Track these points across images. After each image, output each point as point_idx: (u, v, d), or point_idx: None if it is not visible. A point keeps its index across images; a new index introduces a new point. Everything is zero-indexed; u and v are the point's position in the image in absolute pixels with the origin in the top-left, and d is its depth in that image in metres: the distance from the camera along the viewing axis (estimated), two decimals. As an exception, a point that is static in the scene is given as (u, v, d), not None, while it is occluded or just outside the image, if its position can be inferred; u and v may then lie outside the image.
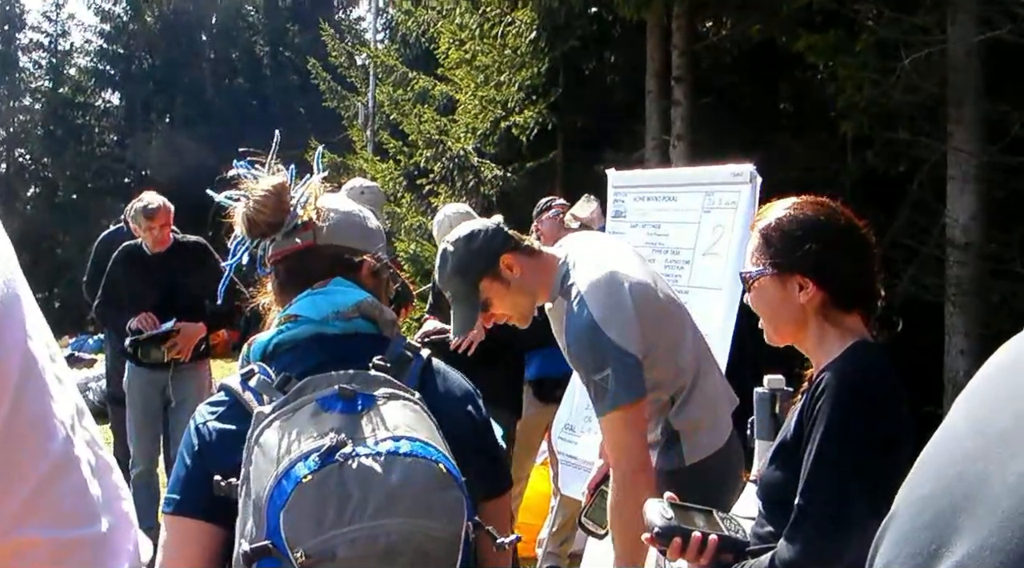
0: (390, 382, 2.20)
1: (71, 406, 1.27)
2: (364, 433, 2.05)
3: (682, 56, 11.62)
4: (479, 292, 3.93)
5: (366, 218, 2.54)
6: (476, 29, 14.13)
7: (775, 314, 2.83)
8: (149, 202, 7.37)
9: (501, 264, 3.90)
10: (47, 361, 1.22)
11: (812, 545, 2.49)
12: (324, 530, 1.93)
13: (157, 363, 7.39)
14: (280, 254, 2.44)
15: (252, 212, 2.38)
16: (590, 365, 3.67)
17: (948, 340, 9.39)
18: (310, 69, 22.97)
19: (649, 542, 2.75)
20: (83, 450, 1.26)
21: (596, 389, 3.65)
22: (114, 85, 40.07)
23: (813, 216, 2.76)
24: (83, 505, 1.25)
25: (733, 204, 6.07)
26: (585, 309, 3.69)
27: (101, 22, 39.50)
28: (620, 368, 3.61)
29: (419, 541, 1.98)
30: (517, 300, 3.96)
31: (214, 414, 2.27)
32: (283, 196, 2.39)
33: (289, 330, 2.34)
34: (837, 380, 2.58)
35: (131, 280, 7.56)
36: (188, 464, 2.24)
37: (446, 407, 2.29)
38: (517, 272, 3.91)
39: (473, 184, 13.51)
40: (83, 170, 38.03)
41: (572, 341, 3.74)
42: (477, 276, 3.91)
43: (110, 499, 1.31)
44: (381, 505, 1.96)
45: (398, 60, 18.08)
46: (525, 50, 13.26)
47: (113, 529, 1.29)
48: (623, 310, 3.71)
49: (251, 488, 2.04)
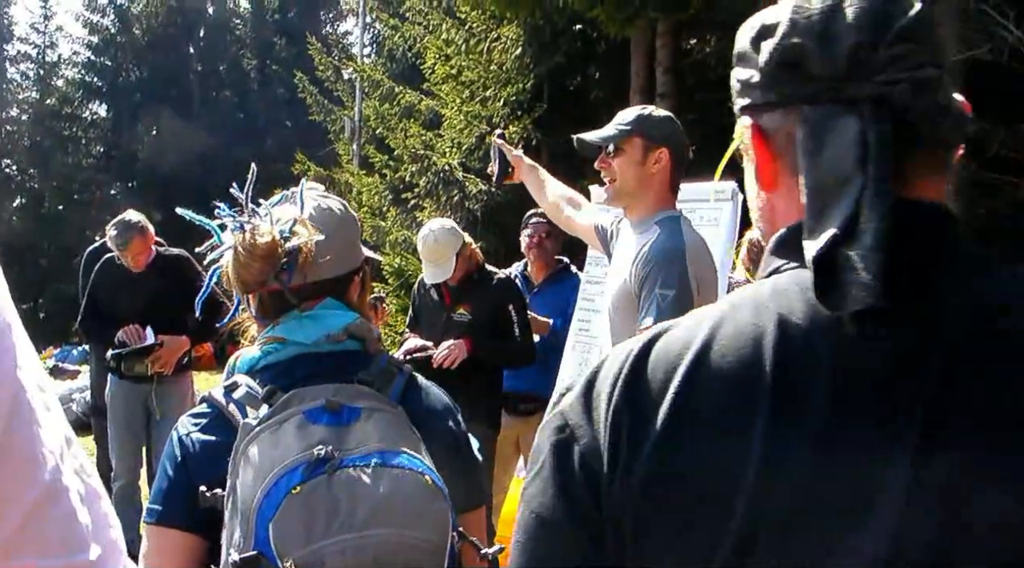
0: (374, 396, 2.21)
1: (60, 434, 1.25)
2: (351, 445, 2.06)
3: (666, 73, 11.64)
4: (626, 139, 4.09)
5: (351, 232, 2.49)
6: (462, 45, 14.17)
7: None
8: (123, 231, 7.26)
9: (660, 150, 4.07)
10: (36, 390, 1.21)
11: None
12: (313, 540, 1.94)
13: (140, 376, 7.37)
14: (267, 291, 2.38)
15: (240, 270, 2.30)
16: (660, 278, 3.82)
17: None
18: (297, 83, 22.99)
19: None
20: (72, 479, 1.25)
21: (652, 301, 3.79)
22: (101, 97, 40.04)
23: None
24: (72, 534, 1.23)
25: (715, 221, 6.07)
26: (682, 238, 3.92)
27: (89, 34, 39.52)
28: (679, 297, 3.77)
29: (407, 552, 2.01)
30: (631, 179, 4.11)
31: (197, 425, 2.27)
32: (273, 258, 2.28)
33: (277, 352, 2.32)
34: None
35: (113, 294, 7.54)
36: (170, 475, 2.24)
37: (428, 421, 2.29)
38: (656, 169, 4.09)
39: (458, 199, 13.53)
40: (69, 181, 37.96)
41: (655, 253, 3.89)
42: (642, 132, 4.08)
43: (99, 527, 1.29)
44: (369, 516, 1.98)
45: (384, 75, 18.08)
46: (510, 66, 13.30)
47: (102, 557, 1.27)
48: (706, 262, 4.00)
49: (238, 499, 2.04)
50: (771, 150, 1.33)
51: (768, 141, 1.33)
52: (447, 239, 6.38)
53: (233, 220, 2.33)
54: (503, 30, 13.43)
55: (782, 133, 1.31)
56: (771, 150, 1.33)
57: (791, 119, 1.28)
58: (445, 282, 6.49)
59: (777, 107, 1.31)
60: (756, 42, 1.33)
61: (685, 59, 12.40)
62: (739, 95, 1.38)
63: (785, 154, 1.31)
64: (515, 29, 13.14)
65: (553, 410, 1.34)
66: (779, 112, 1.30)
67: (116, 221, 7.34)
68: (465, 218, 12.81)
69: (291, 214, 2.35)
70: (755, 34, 1.34)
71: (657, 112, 4.21)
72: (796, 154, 1.26)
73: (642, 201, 4.11)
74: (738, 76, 1.38)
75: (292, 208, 2.38)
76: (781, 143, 1.31)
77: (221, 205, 2.36)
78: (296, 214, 2.35)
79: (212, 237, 2.39)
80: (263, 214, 2.34)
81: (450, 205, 13.50)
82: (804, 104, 1.26)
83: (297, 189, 2.41)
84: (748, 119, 1.36)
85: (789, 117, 1.29)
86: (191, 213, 2.49)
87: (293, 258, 2.29)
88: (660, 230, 3.97)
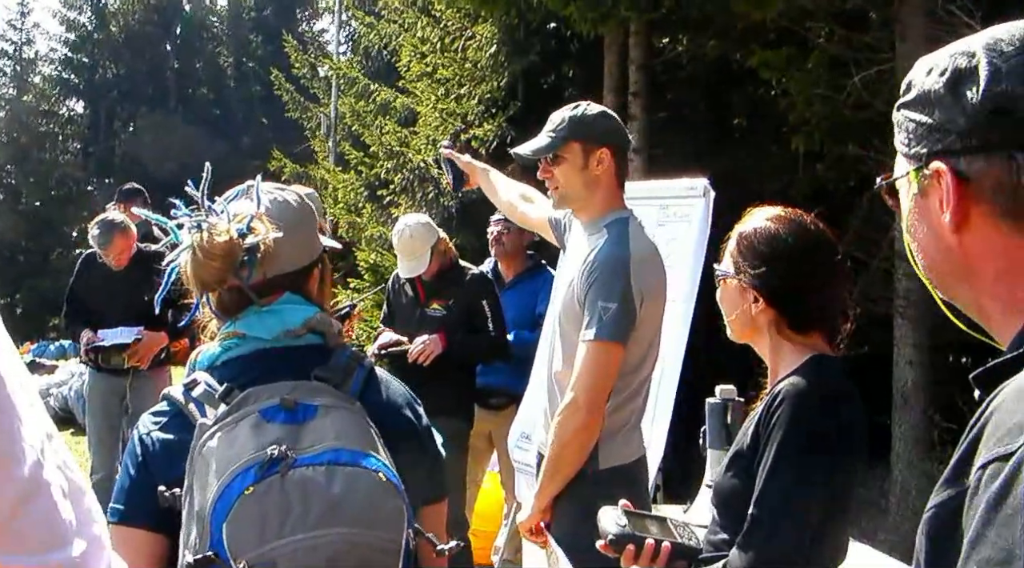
0: (332, 392, 2.21)
1: (42, 430, 1.26)
2: (305, 443, 2.06)
3: (639, 71, 11.66)
4: (565, 146, 4.03)
5: (309, 224, 2.47)
6: (437, 43, 14.17)
7: (733, 315, 2.86)
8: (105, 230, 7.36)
9: (600, 150, 4.01)
10: (17, 386, 1.22)
11: (764, 554, 2.50)
12: (266, 541, 1.95)
13: (117, 369, 7.45)
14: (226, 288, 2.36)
15: (199, 270, 2.28)
16: (602, 291, 3.78)
17: (897, 351, 9.52)
18: (273, 80, 22.87)
19: (603, 549, 2.71)
20: (54, 474, 1.25)
21: (595, 313, 3.77)
22: (78, 94, 39.93)
23: (784, 236, 2.76)
24: (53, 530, 1.24)
25: (687, 217, 6.06)
26: (627, 246, 3.86)
27: (66, 31, 39.42)
28: (622, 310, 3.75)
29: (360, 551, 2.01)
30: (576, 184, 4.05)
31: (157, 424, 2.27)
32: (231, 256, 2.26)
33: (237, 347, 2.32)
34: (794, 392, 2.59)
35: (93, 290, 7.63)
36: (132, 474, 2.25)
37: (388, 415, 2.30)
38: (599, 170, 4.02)
39: (433, 195, 13.53)
40: (47, 178, 37.77)
41: (600, 263, 3.84)
42: (578, 136, 4.01)
43: (83, 523, 1.30)
44: (323, 515, 1.98)
45: (360, 72, 18.06)
46: (485, 64, 13.31)
47: (86, 553, 1.28)
48: (653, 272, 3.94)
49: (195, 499, 2.05)
50: (969, 195, 1.36)
51: (965, 185, 1.35)
52: (422, 234, 6.44)
53: (190, 219, 2.32)
54: (478, 28, 13.45)
55: (988, 178, 1.33)
56: (969, 195, 1.36)
57: (997, 165, 1.32)
58: (420, 277, 6.55)
59: (980, 152, 1.34)
60: (953, 86, 1.35)
61: (657, 58, 12.47)
62: (923, 138, 1.41)
63: (986, 200, 1.34)
64: (490, 27, 13.15)
65: None
66: (982, 157, 1.33)
67: (98, 220, 7.44)
68: (440, 215, 12.84)
69: (248, 210, 2.33)
70: (949, 78, 1.36)
71: (590, 109, 4.10)
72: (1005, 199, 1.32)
73: (590, 203, 4.07)
74: (921, 119, 1.41)
75: (248, 203, 2.36)
76: (984, 188, 1.34)
77: (177, 203, 2.36)
78: (253, 210, 2.33)
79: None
80: (219, 212, 2.32)
81: (425, 202, 13.50)
82: (1018, 150, 1.30)
83: (253, 183, 2.40)
84: (940, 164, 1.38)
85: (997, 162, 1.32)
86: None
87: (251, 255, 2.28)
88: (607, 235, 3.93)
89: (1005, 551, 1.06)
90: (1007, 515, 1.08)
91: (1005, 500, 1.09)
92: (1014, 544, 1.05)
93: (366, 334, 12.10)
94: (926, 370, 9.40)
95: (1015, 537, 1.05)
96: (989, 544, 1.09)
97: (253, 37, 39.69)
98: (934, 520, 1.27)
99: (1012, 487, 1.09)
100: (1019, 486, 1.08)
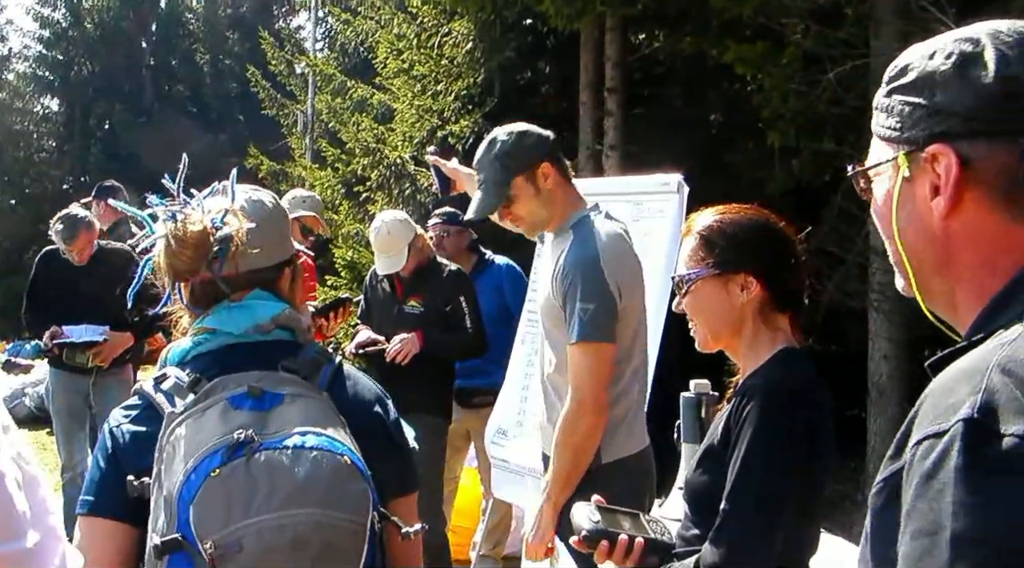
0: (299, 382, 2.25)
1: None
2: (271, 429, 2.10)
3: (615, 68, 11.70)
4: (511, 186, 4.06)
5: (282, 224, 2.53)
6: (413, 39, 14.18)
7: (713, 316, 2.81)
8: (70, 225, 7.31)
9: (540, 168, 4.04)
10: None
11: (736, 548, 2.52)
12: (232, 522, 1.99)
13: (80, 367, 7.42)
14: (199, 280, 2.40)
15: (172, 259, 2.33)
16: (578, 293, 3.82)
17: (872, 345, 9.61)
18: (250, 77, 22.82)
19: (576, 545, 2.72)
20: (8, 466, 1.27)
21: (575, 317, 3.81)
22: (53, 91, 39.68)
23: (750, 220, 2.81)
24: (7, 521, 1.25)
25: (661, 212, 6.05)
26: (594, 244, 3.89)
27: (40, 28, 39.13)
28: (601, 307, 3.79)
29: (325, 532, 2.04)
30: (538, 209, 4.10)
31: (128, 417, 2.30)
32: (204, 246, 2.31)
33: (207, 342, 2.36)
34: (764, 387, 2.63)
35: (55, 286, 7.59)
36: (102, 466, 2.27)
37: (357, 409, 2.34)
38: (550, 184, 4.06)
39: (410, 192, 13.54)
40: (21, 176, 37.56)
41: (570, 266, 3.88)
42: (516, 170, 4.05)
43: (38, 513, 1.32)
44: (288, 497, 2.02)
45: (337, 69, 18.08)
46: (461, 60, 13.32)
47: (39, 544, 1.30)
48: (624, 262, 3.96)
49: (163, 484, 2.08)
50: (966, 178, 1.36)
51: (965, 169, 1.36)
52: (399, 230, 6.43)
53: (164, 210, 2.36)
54: (454, 25, 13.47)
55: (990, 162, 1.35)
56: (966, 178, 1.36)
57: (1003, 149, 1.34)
58: (397, 274, 6.54)
59: (984, 136, 1.35)
60: (961, 68, 1.36)
61: (634, 54, 12.51)
62: (920, 121, 1.41)
63: (983, 184, 1.36)
64: (466, 24, 13.18)
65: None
66: (985, 141, 1.34)
67: (62, 215, 7.38)
68: (417, 211, 12.82)
69: (222, 205, 2.37)
70: (957, 60, 1.37)
71: (504, 136, 4.12)
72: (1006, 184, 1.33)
73: (554, 215, 4.11)
74: (919, 101, 1.41)
75: (223, 199, 2.40)
76: (984, 172, 1.35)
77: (153, 196, 2.39)
78: (227, 205, 2.37)
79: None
80: (195, 204, 2.37)
81: (402, 198, 13.50)
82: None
83: (228, 181, 2.44)
84: (942, 146, 1.38)
85: (1002, 147, 1.34)
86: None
87: (224, 246, 2.32)
88: (573, 236, 3.97)
89: (935, 523, 1.14)
90: (937, 490, 1.15)
91: (936, 476, 1.16)
92: (943, 516, 1.13)
93: (343, 331, 12.09)
94: (901, 364, 9.47)
95: (945, 510, 1.13)
96: (920, 516, 1.17)
97: (230, 34, 39.51)
98: (878, 495, 1.32)
99: (943, 463, 1.16)
100: (950, 461, 1.15)
